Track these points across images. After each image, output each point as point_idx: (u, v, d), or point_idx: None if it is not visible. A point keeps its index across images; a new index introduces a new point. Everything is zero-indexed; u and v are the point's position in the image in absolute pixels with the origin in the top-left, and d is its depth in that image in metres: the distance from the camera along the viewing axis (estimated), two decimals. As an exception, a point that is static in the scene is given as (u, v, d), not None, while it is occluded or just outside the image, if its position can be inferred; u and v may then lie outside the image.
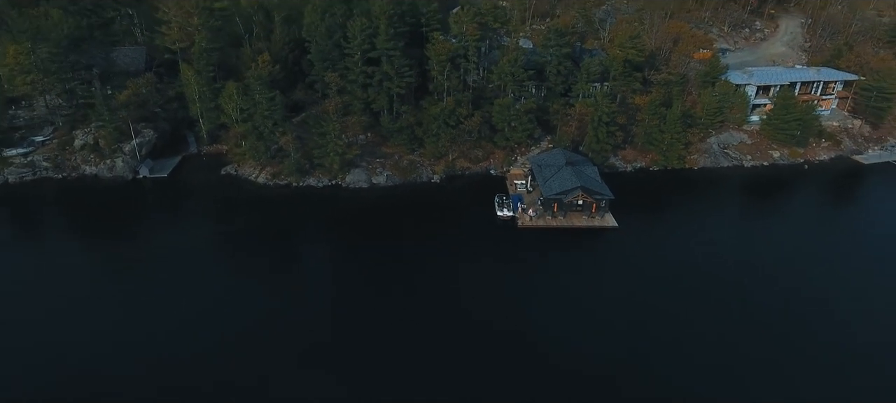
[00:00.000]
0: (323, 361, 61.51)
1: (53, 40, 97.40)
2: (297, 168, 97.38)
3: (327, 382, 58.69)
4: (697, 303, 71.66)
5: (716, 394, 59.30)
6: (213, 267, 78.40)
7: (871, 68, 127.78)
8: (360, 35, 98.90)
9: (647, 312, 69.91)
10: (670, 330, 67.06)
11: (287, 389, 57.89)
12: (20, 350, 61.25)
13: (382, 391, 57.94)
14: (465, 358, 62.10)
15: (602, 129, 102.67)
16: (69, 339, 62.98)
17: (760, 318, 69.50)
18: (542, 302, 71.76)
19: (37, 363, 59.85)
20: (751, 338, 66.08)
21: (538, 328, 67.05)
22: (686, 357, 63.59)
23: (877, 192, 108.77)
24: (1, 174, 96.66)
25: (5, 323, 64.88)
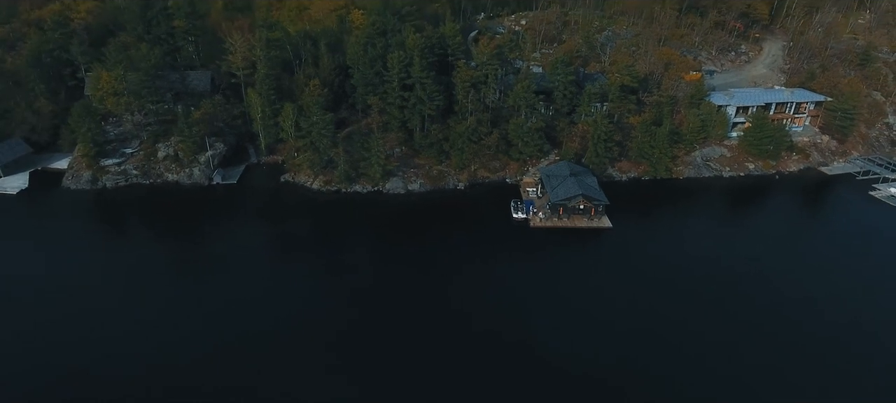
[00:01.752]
0: (367, 336, 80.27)
1: (143, 69, 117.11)
2: (345, 176, 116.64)
3: (371, 352, 76.85)
4: (673, 289, 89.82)
5: (680, 354, 77.71)
6: (279, 262, 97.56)
7: (839, 90, 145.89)
8: (397, 65, 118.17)
9: (632, 295, 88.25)
10: (650, 309, 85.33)
11: (335, 357, 76.11)
12: (103, 336, 78.29)
13: (417, 357, 76.66)
14: (489, 320, 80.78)
15: (601, 145, 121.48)
16: (150, 322, 79.73)
17: (729, 302, 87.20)
18: (549, 286, 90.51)
19: (120, 343, 77.33)
20: (717, 318, 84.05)
21: (546, 302, 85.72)
22: (658, 327, 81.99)
23: (836, 199, 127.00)
24: (100, 180, 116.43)
25: (100, 311, 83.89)
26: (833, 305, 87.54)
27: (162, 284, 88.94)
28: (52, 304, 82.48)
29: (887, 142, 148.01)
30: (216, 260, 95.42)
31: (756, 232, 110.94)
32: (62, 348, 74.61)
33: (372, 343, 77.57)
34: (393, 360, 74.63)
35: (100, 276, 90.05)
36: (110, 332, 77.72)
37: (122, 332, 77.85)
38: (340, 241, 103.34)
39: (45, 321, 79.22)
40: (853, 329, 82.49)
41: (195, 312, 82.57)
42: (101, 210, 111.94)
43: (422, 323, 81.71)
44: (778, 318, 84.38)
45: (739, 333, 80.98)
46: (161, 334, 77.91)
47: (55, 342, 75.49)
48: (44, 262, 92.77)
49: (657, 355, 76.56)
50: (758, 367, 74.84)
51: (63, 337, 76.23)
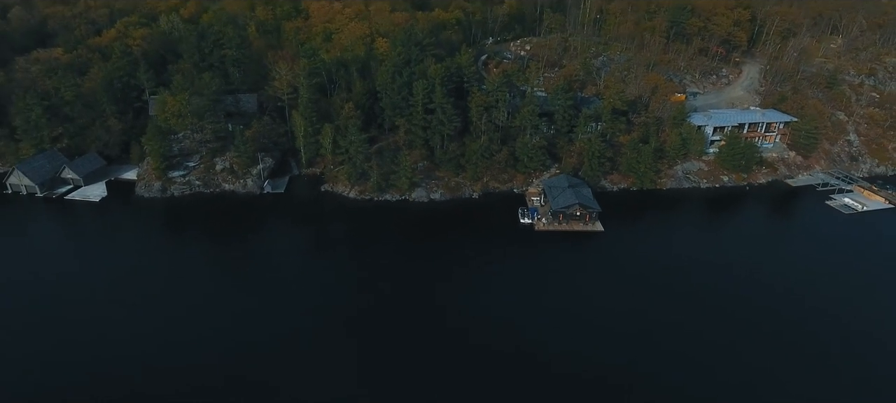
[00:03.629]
0: (393, 322, 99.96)
1: (206, 94, 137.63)
2: (377, 187, 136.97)
3: (395, 335, 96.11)
4: (653, 281, 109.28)
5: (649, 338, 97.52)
6: (324, 258, 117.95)
7: (805, 111, 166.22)
8: (421, 92, 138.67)
9: (618, 286, 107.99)
10: (632, 296, 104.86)
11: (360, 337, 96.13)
12: (162, 326, 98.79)
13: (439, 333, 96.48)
14: (499, 307, 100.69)
15: (595, 161, 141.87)
16: (208, 315, 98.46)
17: (703, 294, 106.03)
18: (552, 271, 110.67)
19: (191, 330, 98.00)
20: (689, 305, 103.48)
21: (548, 283, 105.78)
22: (637, 310, 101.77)
23: (798, 207, 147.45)
24: (169, 189, 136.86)
25: (182, 303, 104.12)
26: (789, 293, 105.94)
27: (226, 280, 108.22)
28: (141, 293, 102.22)
29: (848, 157, 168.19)
30: (271, 258, 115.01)
31: (725, 234, 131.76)
32: (138, 337, 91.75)
33: (397, 327, 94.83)
34: (415, 340, 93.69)
35: (177, 271, 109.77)
36: (185, 320, 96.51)
37: (194, 321, 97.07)
38: (374, 242, 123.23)
39: (141, 305, 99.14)
40: (803, 308, 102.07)
41: (257, 303, 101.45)
42: (171, 215, 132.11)
43: (442, 308, 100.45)
44: (738, 300, 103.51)
45: (705, 315, 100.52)
46: (228, 324, 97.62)
47: (132, 329, 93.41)
48: (133, 256, 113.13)
49: (635, 334, 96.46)
50: (716, 346, 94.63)
51: (140, 328, 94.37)
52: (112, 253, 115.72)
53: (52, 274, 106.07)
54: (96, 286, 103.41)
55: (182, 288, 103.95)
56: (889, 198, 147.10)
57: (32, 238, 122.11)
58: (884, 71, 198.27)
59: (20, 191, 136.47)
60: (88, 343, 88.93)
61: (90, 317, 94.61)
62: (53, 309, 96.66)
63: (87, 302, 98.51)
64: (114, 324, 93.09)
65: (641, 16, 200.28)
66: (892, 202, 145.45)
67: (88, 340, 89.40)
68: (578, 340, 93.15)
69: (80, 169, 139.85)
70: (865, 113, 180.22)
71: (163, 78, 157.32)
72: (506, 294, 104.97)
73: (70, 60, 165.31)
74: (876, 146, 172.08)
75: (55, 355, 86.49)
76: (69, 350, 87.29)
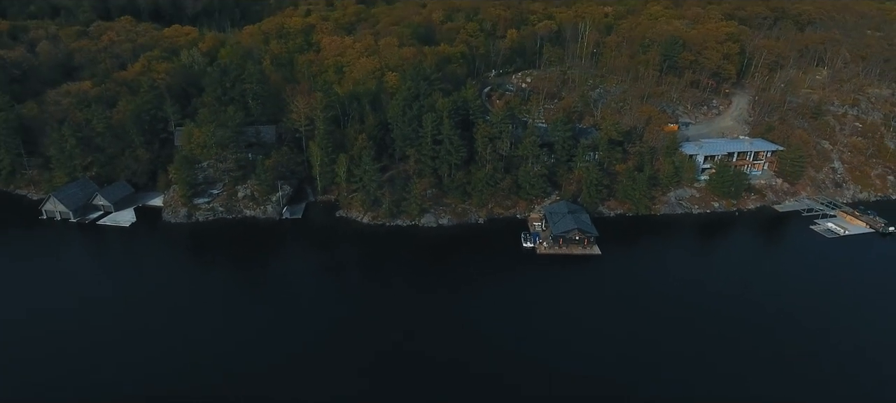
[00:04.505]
0: (403, 336, 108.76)
1: (231, 127, 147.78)
2: (389, 213, 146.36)
3: (404, 347, 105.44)
4: (648, 303, 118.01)
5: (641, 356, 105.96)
6: (339, 280, 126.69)
7: (791, 141, 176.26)
8: (430, 125, 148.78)
9: (614, 304, 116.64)
10: (628, 313, 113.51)
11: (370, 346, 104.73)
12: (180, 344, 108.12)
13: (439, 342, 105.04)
14: (502, 322, 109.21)
15: (593, 188, 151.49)
16: (220, 332, 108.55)
17: (695, 314, 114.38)
18: (552, 292, 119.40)
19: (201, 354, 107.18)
20: (684, 327, 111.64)
21: (549, 303, 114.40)
22: (632, 325, 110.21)
23: (784, 231, 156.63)
24: (194, 215, 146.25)
25: (209, 322, 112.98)
26: (779, 312, 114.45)
27: (248, 300, 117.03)
28: (171, 312, 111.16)
29: (832, 184, 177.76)
30: (290, 280, 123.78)
31: (716, 257, 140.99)
32: (168, 350, 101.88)
33: (406, 339, 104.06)
34: (423, 349, 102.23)
35: (203, 292, 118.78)
36: (211, 337, 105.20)
37: (221, 338, 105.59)
38: (386, 265, 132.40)
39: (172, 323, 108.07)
40: (789, 321, 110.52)
41: (276, 321, 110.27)
42: (196, 239, 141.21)
43: (450, 325, 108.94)
44: (729, 320, 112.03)
45: (696, 334, 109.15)
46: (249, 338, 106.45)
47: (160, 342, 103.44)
48: (163, 278, 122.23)
49: (630, 355, 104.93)
50: (707, 363, 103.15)
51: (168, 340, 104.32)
52: (143, 275, 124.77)
53: (90, 294, 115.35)
54: (129, 305, 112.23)
55: (208, 308, 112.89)
56: (870, 222, 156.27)
57: (69, 261, 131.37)
58: (866, 101, 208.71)
59: (55, 217, 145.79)
60: (122, 356, 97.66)
61: (123, 330, 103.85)
62: (89, 326, 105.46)
63: (119, 320, 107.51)
64: (145, 339, 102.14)
65: (636, 50, 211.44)
66: (873, 226, 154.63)
67: (122, 354, 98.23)
68: (577, 359, 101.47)
69: (110, 196, 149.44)
70: (849, 142, 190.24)
71: (187, 110, 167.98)
72: (509, 313, 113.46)
73: (99, 93, 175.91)
74: (859, 173, 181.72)
75: (89, 366, 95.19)
76: (106, 362, 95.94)
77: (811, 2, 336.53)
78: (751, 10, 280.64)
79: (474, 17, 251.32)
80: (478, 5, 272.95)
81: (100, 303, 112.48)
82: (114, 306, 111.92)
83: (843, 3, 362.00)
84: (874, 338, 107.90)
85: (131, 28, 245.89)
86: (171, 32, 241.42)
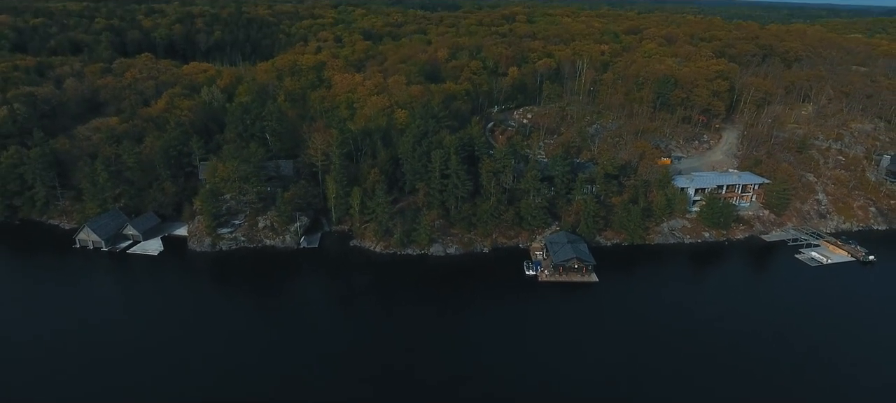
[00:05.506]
0: (411, 357, 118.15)
1: (253, 162, 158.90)
2: (400, 242, 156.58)
3: (412, 368, 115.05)
4: (642, 328, 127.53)
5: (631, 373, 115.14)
6: (354, 304, 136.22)
7: (777, 174, 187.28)
8: (438, 161, 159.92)
9: (610, 328, 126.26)
10: (623, 337, 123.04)
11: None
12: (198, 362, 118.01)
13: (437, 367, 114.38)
14: (506, 344, 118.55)
15: (590, 219, 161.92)
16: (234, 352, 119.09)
17: (686, 338, 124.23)
18: (551, 320, 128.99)
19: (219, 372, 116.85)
20: (677, 350, 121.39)
21: (549, 327, 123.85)
22: (627, 347, 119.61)
23: (770, 260, 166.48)
24: (218, 245, 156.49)
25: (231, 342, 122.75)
26: (764, 335, 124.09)
27: (268, 322, 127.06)
28: (200, 333, 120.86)
29: (816, 215, 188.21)
30: (307, 304, 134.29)
31: (707, 285, 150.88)
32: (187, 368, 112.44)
33: (414, 361, 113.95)
34: (428, 367, 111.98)
35: (229, 317, 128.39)
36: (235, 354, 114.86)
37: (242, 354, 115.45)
38: (397, 291, 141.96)
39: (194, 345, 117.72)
40: (777, 345, 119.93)
41: (292, 339, 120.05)
42: (220, 267, 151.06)
43: (456, 348, 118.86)
44: (718, 344, 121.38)
45: (687, 358, 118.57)
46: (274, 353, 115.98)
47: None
48: (192, 303, 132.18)
49: (625, 364, 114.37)
50: (696, 386, 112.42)
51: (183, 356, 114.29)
52: (173, 300, 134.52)
53: (127, 316, 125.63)
54: (161, 327, 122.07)
55: (232, 329, 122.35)
56: (851, 251, 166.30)
57: (105, 287, 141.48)
58: (849, 136, 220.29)
59: (87, 246, 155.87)
60: (154, 369, 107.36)
61: (156, 345, 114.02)
62: (127, 342, 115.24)
63: (152, 339, 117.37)
64: (175, 355, 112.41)
65: (630, 87, 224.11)
66: (854, 255, 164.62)
67: (154, 367, 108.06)
68: (575, 380, 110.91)
69: (139, 226, 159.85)
70: (832, 174, 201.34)
71: (209, 146, 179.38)
72: (512, 337, 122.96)
73: (127, 129, 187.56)
74: (842, 204, 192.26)
75: (126, 377, 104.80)
76: (141, 373, 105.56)
77: (799, 38, 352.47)
78: (740, 48, 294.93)
79: (477, 54, 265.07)
80: (480, 43, 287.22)
81: (135, 325, 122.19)
82: (147, 327, 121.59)
83: (829, 39, 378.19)
84: (855, 355, 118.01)
85: (152, 65, 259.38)
86: (189, 69, 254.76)
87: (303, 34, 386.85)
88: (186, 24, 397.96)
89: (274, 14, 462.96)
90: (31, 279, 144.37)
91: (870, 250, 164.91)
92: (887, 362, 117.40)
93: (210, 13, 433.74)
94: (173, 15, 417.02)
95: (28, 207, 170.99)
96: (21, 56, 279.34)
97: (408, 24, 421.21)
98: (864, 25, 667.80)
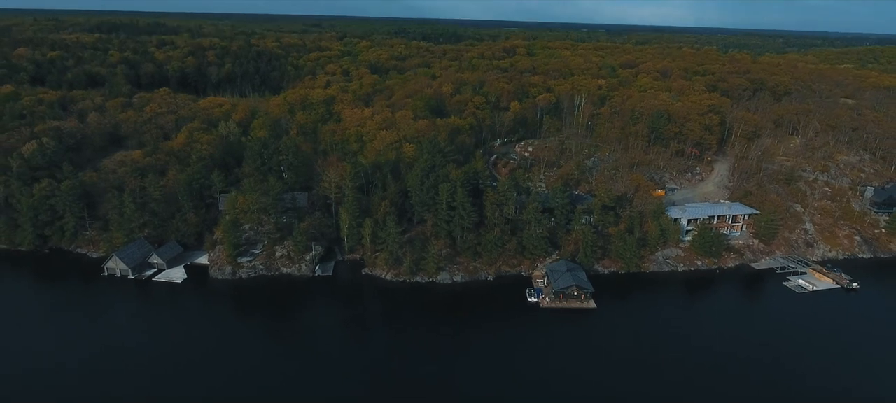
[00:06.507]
0: (422, 376, 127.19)
1: (272, 195, 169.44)
2: (409, 270, 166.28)
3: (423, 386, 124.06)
4: (638, 353, 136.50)
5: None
6: (368, 328, 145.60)
7: (766, 205, 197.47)
8: (445, 194, 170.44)
9: (608, 350, 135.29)
10: (620, 362, 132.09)
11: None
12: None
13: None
14: (512, 365, 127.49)
15: (588, 248, 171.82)
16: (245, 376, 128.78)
17: (680, 362, 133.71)
18: (553, 342, 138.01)
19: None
20: (670, 374, 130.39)
21: (550, 352, 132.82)
22: (625, 373, 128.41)
23: (759, 287, 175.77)
24: (238, 272, 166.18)
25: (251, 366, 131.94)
26: (751, 356, 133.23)
27: (286, 345, 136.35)
28: (227, 356, 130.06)
29: (804, 244, 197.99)
30: (323, 329, 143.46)
31: (699, 310, 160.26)
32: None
33: (424, 379, 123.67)
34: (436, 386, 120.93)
35: (249, 339, 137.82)
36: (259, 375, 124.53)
37: (263, 376, 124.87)
38: (407, 316, 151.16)
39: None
40: (768, 368, 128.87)
41: (309, 361, 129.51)
42: (241, 294, 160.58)
43: (463, 369, 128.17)
44: (703, 360, 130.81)
45: (680, 382, 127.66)
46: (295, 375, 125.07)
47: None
48: (217, 328, 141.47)
49: (624, 385, 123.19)
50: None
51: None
52: (199, 326, 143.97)
53: (156, 342, 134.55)
54: (190, 349, 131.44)
55: (257, 354, 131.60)
56: (836, 279, 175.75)
57: (135, 314, 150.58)
58: (835, 168, 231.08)
59: (115, 274, 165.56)
60: (183, 388, 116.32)
61: (186, 363, 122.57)
62: (161, 361, 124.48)
63: (183, 358, 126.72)
64: (205, 375, 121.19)
65: (626, 121, 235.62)
66: (839, 283, 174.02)
67: (182, 386, 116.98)
68: (576, 399, 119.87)
69: (163, 255, 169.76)
70: (819, 205, 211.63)
71: (229, 179, 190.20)
72: (515, 360, 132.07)
73: (150, 162, 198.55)
74: (828, 234, 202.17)
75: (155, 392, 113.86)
76: (169, 392, 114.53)
77: (789, 72, 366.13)
78: (732, 82, 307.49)
79: (480, 89, 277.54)
80: (483, 78, 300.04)
81: (164, 349, 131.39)
82: (174, 351, 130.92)
83: (819, 72, 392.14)
84: (841, 376, 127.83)
85: (170, 100, 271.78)
86: (206, 104, 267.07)
87: (311, 67, 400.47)
88: (198, 56, 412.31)
89: (282, 46, 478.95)
90: (64, 305, 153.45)
91: (853, 277, 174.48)
92: (868, 382, 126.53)
93: (220, 46, 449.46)
94: (185, 48, 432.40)
95: (58, 236, 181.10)
96: (43, 89, 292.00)
97: (412, 57, 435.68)
98: (856, 55, 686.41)
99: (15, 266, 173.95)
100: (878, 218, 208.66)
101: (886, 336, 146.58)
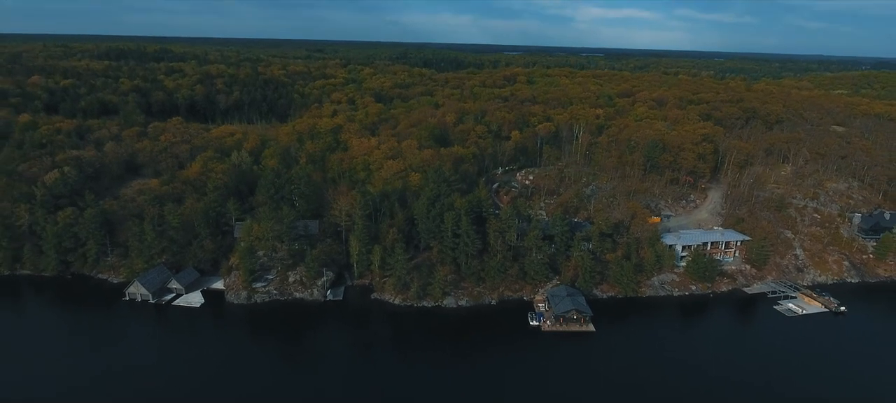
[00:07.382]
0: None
1: (285, 223, 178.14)
2: (416, 295, 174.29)
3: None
4: (635, 375, 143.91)
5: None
6: (378, 351, 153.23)
7: (757, 232, 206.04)
8: (450, 222, 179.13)
9: (605, 373, 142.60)
10: (618, 384, 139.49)
11: None
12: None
13: None
14: (516, 383, 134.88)
15: (587, 274, 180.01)
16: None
17: (674, 381, 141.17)
18: (555, 363, 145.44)
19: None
20: (665, 395, 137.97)
21: (550, 373, 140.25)
22: (622, 395, 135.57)
23: (751, 311, 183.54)
24: (253, 297, 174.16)
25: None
26: (743, 378, 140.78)
27: (299, 366, 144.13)
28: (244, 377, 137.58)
29: (794, 269, 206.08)
30: (334, 351, 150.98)
31: (693, 333, 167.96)
32: None
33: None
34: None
35: (267, 361, 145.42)
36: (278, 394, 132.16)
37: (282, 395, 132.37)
38: (414, 340, 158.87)
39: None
40: (759, 388, 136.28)
41: (323, 381, 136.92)
42: (256, 317, 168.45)
43: (468, 392, 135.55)
44: (698, 381, 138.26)
45: (678, 392, 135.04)
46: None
47: None
48: (235, 350, 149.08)
49: None
50: None
51: None
52: (217, 348, 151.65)
53: (177, 357, 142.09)
54: (210, 370, 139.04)
55: (272, 374, 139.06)
56: (825, 303, 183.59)
57: (156, 337, 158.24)
58: (825, 195, 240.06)
59: (136, 299, 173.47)
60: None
61: (205, 381, 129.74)
62: (181, 380, 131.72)
63: (202, 377, 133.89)
64: (223, 394, 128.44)
65: (623, 150, 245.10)
66: (827, 306, 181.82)
67: None
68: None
69: (182, 280, 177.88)
70: (809, 231, 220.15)
71: (243, 207, 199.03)
72: (517, 381, 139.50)
73: (167, 191, 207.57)
74: (818, 259, 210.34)
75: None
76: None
77: (782, 100, 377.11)
78: (725, 111, 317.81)
79: (482, 119, 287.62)
80: (485, 107, 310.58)
81: (185, 372, 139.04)
82: (195, 369, 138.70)
83: (811, 100, 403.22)
84: (827, 400, 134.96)
85: (183, 129, 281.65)
86: (218, 133, 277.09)
87: (317, 95, 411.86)
88: (207, 84, 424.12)
89: (288, 74, 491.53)
90: (86, 327, 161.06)
91: (842, 301, 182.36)
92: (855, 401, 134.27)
93: (228, 73, 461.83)
94: (194, 76, 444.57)
95: (80, 262, 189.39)
96: (59, 118, 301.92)
97: (415, 84, 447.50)
98: (850, 80, 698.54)
99: (39, 290, 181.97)
100: (865, 244, 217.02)
101: (872, 358, 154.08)
